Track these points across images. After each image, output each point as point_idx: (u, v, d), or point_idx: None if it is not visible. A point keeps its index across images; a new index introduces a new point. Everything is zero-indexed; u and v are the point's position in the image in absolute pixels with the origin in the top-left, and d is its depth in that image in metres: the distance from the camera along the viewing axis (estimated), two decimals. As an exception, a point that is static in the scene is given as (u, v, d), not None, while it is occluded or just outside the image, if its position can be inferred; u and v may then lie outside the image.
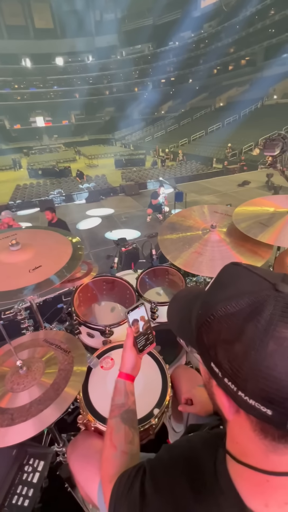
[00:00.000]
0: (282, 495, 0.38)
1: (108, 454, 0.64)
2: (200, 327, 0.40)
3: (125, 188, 11.92)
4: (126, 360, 0.77)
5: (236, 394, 0.34)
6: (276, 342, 0.31)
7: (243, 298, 0.35)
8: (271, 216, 1.46)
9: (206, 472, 0.43)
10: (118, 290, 1.69)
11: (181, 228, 1.61)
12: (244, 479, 0.40)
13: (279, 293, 0.34)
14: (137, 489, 0.48)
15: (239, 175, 13.83)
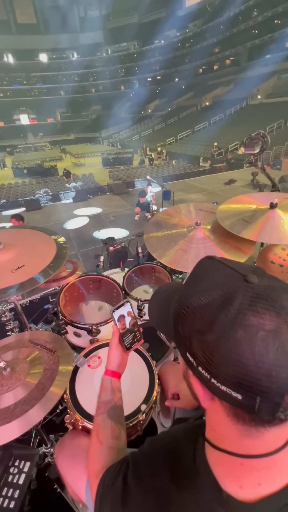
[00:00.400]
0: (255, 477, 0.39)
1: (94, 450, 0.65)
2: (176, 319, 0.41)
3: (113, 187, 11.85)
4: (112, 358, 0.77)
5: (209, 381, 0.36)
6: (244, 330, 0.32)
7: (216, 290, 0.36)
8: (253, 213, 1.50)
9: (185, 460, 0.45)
10: (105, 289, 1.68)
11: (166, 226, 1.63)
12: (220, 464, 0.42)
13: (248, 284, 0.35)
14: (120, 482, 0.49)
15: (225, 174, 14.04)
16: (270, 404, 0.32)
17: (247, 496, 0.39)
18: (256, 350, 0.31)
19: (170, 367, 1.29)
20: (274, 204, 1.44)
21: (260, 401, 0.32)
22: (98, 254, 1.85)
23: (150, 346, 1.64)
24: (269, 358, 0.31)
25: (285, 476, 0.40)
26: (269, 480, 0.39)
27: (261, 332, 0.31)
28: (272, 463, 0.39)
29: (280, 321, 0.31)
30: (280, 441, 0.38)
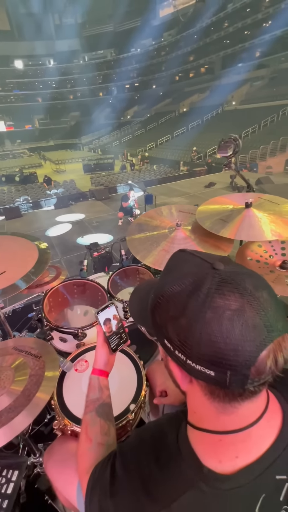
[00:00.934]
0: (233, 451, 0.42)
1: (83, 448, 0.65)
2: (153, 309, 0.45)
3: (95, 193, 11.82)
4: (98, 357, 0.78)
5: (185, 363, 0.39)
6: (213, 311, 0.35)
7: (187, 278, 0.39)
8: (230, 212, 1.57)
9: (169, 443, 0.47)
10: (89, 293, 1.68)
11: (148, 228, 1.66)
12: (201, 442, 0.45)
13: (215, 271, 0.39)
14: (108, 472, 0.50)
15: (205, 177, 14.42)
16: (239, 377, 0.35)
17: (225, 469, 0.42)
18: (224, 328, 0.34)
19: (157, 366, 1.31)
20: (249, 204, 1.51)
21: (230, 374, 0.35)
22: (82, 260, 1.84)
23: (138, 348, 1.65)
24: (235, 335, 0.34)
25: (259, 447, 0.43)
26: (245, 453, 0.42)
27: (227, 312, 0.35)
28: (247, 436, 0.42)
29: (244, 301, 0.35)
30: (253, 415, 0.42)
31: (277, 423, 0.45)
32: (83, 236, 7.35)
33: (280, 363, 0.36)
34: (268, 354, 0.35)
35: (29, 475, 1.30)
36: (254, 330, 0.34)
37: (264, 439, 0.43)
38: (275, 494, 0.43)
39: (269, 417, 0.44)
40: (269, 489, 0.42)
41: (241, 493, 0.41)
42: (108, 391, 0.76)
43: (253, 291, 0.36)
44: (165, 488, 0.43)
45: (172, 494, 0.42)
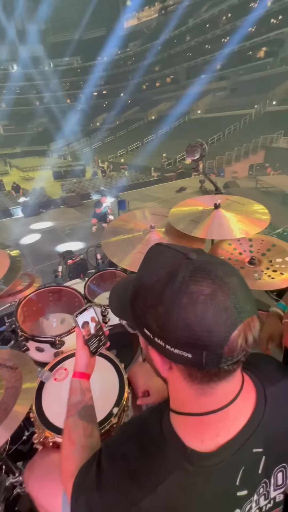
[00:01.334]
0: (213, 429, 0.45)
1: (67, 452, 0.63)
2: (132, 301, 0.47)
3: (66, 200, 11.60)
4: (79, 359, 0.77)
5: (164, 348, 0.41)
6: (188, 297, 0.38)
7: (163, 269, 0.42)
8: (200, 214, 1.64)
9: (153, 431, 0.49)
10: (66, 299, 1.64)
11: (123, 231, 1.67)
12: (183, 426, 0.47)
13: (189, 260, 0.41)
14: (94, 469, 0.50)
15: (176, 182, 14.84)
16: (214, 356, 0.38)
17: (207, 447, 0.44)
18: (198, 312, 0.37)
19: (138, 368, 1.31)
20: (218, 205, 1.60)
21: (206, 355, 0.37)
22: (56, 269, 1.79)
23: (118, 352, 1.64)
24: (208, 317, 0.37)
25: (237, 424, 0.46)
26: (225, 430, 0.45)
27: (201, 297, 0.38)
28: (226, 415, 0.45)
29: (216, 286, 0.38)
30: (230, 395, 0.45)
31: (252, 401, 0.49)
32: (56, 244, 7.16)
33: (249, 341, 0.39)
34: (239, 333, 0.38)
35: (9, 497, 1.22)
36: (225, 312, 0.37)
37: (240, 417, 0.47)
38: (254, 466, 0.47)
39: (244, 396, 0.47)
40: (248, 462, 0.46)
41: (222, 468, 0.44)
42: (90, 393, 0.75)
43: (224, 277, 0.39)
44: (150, 473, 0.44)
45: (158, 478, 0.43)
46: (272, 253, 1.54)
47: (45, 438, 1.03)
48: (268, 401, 0.49)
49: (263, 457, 0.47)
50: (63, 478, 0.60)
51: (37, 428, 1.06)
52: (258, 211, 1.61)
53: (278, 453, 0.50)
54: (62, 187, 15.50)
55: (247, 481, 0.46)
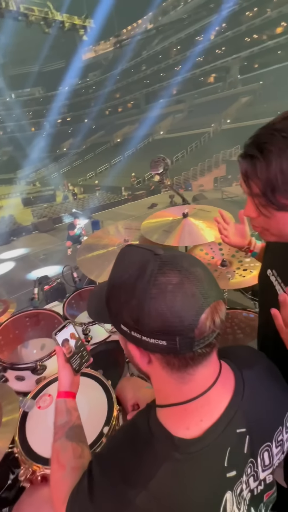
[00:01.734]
0: (197, 415, 0.47)
1: (57, 477, 0.60)
2: (108, 301, 0.49)
3: (38, 225, 11.38)
4: (62, 378, 0.75)
5: (141, 340, 0.43)
6: (157, 288, 0.41)
7: (133, 266, 0.45)
8: (171, 224, 1.72)
9: (141, 430, 0.49)
10: (45, 323, 1.59)
11: (98, 247, 1.69)
12: (169, 418, 0.48)
13: (156, 256, 0.45)
14: (85, 481, 0.48)
15: (147, 199, 15.28)
16: (187, 340, 0.40)
17: (193, 433, 0.46)
18: (168, 300, 0.40)
19: (126, 382, 1.28)
20: (186, 214, 1.69)
21: (179, 339, 0.40)
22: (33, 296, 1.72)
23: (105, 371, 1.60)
24: (177, 304, 0.40)
25: (219, 408, 0.48)
26: (208, 415, 0.47)
27: (169, 286, 0.41)
28: (207, 400, 0.47)
29: (182, 276, 0.42)
30: (209, 380, 0.47)
31: (231, 385, 0.51)
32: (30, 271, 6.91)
33: (217, 322, 0.42)
34: (207, 316, 0.40)
35: None
36: (192, 298, 0.40)
37: (221, 400, 0.49)
38: (239, 446, 0.48)
39: (223, 381, 0.50)
40: (233, 442, 0.47)
41: (210, 451, 0.45)
42: (77, 412, 0.72)
43: (189, 268, 0.43)
44: (141, 470, 0.44)
45: (149, 473, 0.43)
46: (241, 254, 1.63)
47: (33, 473, 0.96)
48: (246, 383, 0.52)
49: (246, 437, 0.49)
50: (55, 507, 0.56)
51: (23, 463, 0.98)
52: (223, 216, 1.72)
53: (260, 432, 0.52)
54: (32, 213, 15.23)
55: (234, 462, 0.47)
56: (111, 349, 1.74)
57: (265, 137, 0.51)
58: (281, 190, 0.51)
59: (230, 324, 1.70)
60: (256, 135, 0.54)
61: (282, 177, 0.49)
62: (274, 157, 0.49)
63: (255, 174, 0.53)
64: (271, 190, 0.52)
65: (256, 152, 0.51)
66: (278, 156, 0.49)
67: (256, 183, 0.54)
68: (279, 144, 0.49)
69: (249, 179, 0.55)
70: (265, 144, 0.50)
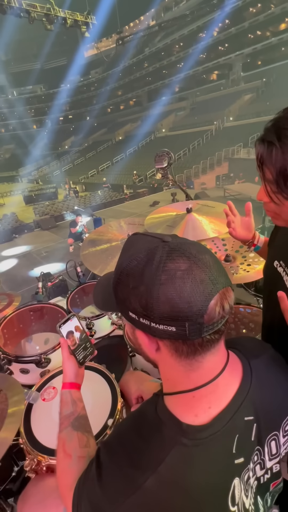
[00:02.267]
0: (205, 403, 0.47)
1: (63, 466, 0.60)
2: (115, 288, 0.49)
3: (40, 223, 11.39)
4: (67, 370, 0.75)
5: (150, 326, 0.43)
6: (166, 274, 0.41)
7: (141, 253, 0.45)
8: (174, 219, 1.71)
9: (149, 417, 0.49)
10: (48, 317, 1.60)
11: (101, 242, 1.69)
12: (177, 405, 0.48)
13: (165, 243, 0.45)
14: (94, 467, 0.48)
15: (149, 197, 15.25)
16: (196, 326, 0.40)
17: (202, 420, 0.46)
18: (177, 286, 0.40)
19: (129, 376, 1.29)
20: (190, 209, 1.68)
21: (188, 325, 0.40)
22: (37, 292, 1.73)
23: (108, 366, 1.60)
24: (187, 289, 0.40)
25: (227, 395, 0.48)
26: (216, 402, 0.47)
27: (178, 272, 0.41)
28: (215, 387, 0.47)
29: (191, 262, 0.42)
30: (217, 368, 0.47)
31: (239, 373, 0.51)
32: (33, 268, 6.94)
33: (226, 308, 0.42)
34: (216, 302, 0.41)
35: None
36: (201, 284, 0.40)
37: (229, 388, 0.49)
38: (247, 434, 0.49)
39: (231, 368, 0.50)
40: (241, 430, 0.48)
41: (218, 438, 0.45)
42: (82, 403, 0.73)
43: (197, 254, 0.43)
44: (150, 454, 0.44)
45: (158, 457, 0.43)
46: (244, 249, 1.63)
47: (38, 463, 0.97)
48: (254, 372, 0.52)
49: (254, 425, 0.49)
50: (62, 494, 0.57)
51: (28, 454, 0.99)
52: (227, 212, 1.72)
53: (268, 421, 0.52)
54: (34, 210, 15.24)
55: (242, 448, 0.47)
56: (114, 343, 1.74)
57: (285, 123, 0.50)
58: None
59: (233, 320, 1.70)
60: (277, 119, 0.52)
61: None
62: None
63: (270, 161, 0.52)
64: (283, 178, 0.51)
65: (274, 138, 0.50)
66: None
67: (270, 170, 0.53)
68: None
69: (263, 164, 0.54)
70: (284, 131, 0.49)
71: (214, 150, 19.64)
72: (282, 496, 0.67)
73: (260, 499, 0.53)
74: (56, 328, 0.78)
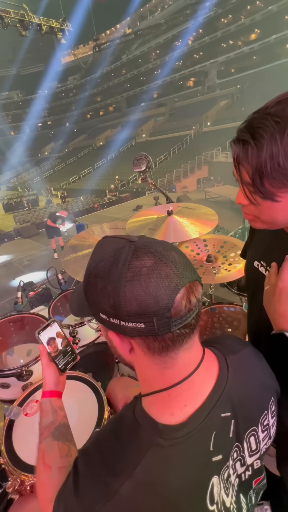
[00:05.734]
0: (181, 401, 0.46)
1: (43, 478, 0.57)
2: (86, 291, 0.48)
3: (21, 231, 11.08)
4: (46, 378, 0.72)
5: (120, 326, 0.42)
6: (132, 271, 0.41)
7: (108, 253, 0.45)
8: (156, 222, 1.72)
9: (127, 420, 0.48)
10: (30, 328, 1.54)
11: (83, 248, 1.66)
12: (154, 405, 0.47)
13: (131, 242, 0.45)
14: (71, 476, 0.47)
15: (132, 201, 15.28)
16: (164, 320, 0.40)
17: (178, 419, 0.45)
18: (143, 282, 0.40)
19: (115, 383, 1.26)
20: (170, 211, 1.69)
21: (156, 320, 0.40)
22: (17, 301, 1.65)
23: (94, 374, 1.56)
24: (152, 285, 0.40)
25: (203, 393, 0.48)
26: (192, 400, 0.47)
27: (143, 269, 0.41)
28: (191, 384, 0.46)
29: (156, 259, 0.42)
30: (192, 364, 0.47)
31: (215, 369, 0.51)
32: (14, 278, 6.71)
33: (193, 301, 0.42)
34: (182, 296, 0.41)
35: None
36: (167, 278, 0.40)
37: (205, 385, 0.49)
38: (224, 431, 0.48)
39: (207, 365, 0.50)
40: (218, 427, 0.47)
41: (195, 436, 0.44)
42: (63, 411, 0.70)
43: (163, 251, 0.43)
44: (126, 458, 0.43)
45: (134, 461, 0.42)
46: (225, 249, 1.66)
47: (21, 483, 0.92)
48: (230, 368, 0.52)
49: (232, 421, 0.49)
50: (41, 507, 0.54)
51: (10, 474, 0.94)
52: (207, 213, 1.75)
53: (246, 417, 0.51)
54: (15, 218, 14.83)
55: (220, 446, 0.47)
56: (100, 351, 1.70)
57: (257, 122, 0.50)
58: (269, 176, 0.50)
59: (218, 319, 1.72)
60: (249, 119, 0.52)
61: (271, 162, 0.48)
62: (265, 142, 0.48)
63: (246, 160, 0.51)
64: (259, 177, 0.51)
65: (248, 137, 0.50)
66: (269, 141, 0.48)
67: (246, 169, 0.53)
68: (271, 129, 0.47)
69: (239, 164, 0.54)
70: (257, 129, 0.49)
71: (194, 154, 20.10)
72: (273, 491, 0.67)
73: (243, 497, 0.53)
74: (35, 335, 0.75)
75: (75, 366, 1.14)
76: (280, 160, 0.47)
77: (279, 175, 0.49)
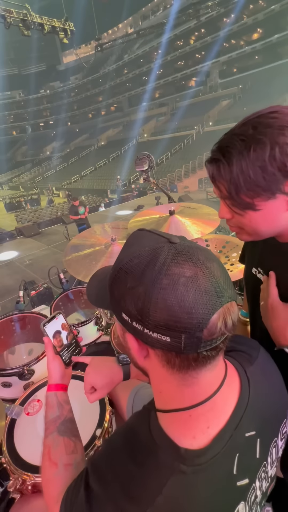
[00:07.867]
0: (203, 422, 0.43)
1: (48, 475, 0.56)
2: (111, 284, 0.44)
3: (23, 230, 11.09)
4: (52, 371, 0.70)
5: (142, 333, 0.39)
6: (168, 278, 0.37)
7: (145, 251, 0.41)
8: (157, 221, 1.71)
9: (142, 438, 0.45)
10: (32, 326, 1.53)
11: (84, 247, 1.66)
12: (173, 425, 0.44)
13: (171, 244, 0.41)
14: (82, 492, 0.44)
15: (133, 201, 15.28)
16: (193, 340, 0.36)
17: (200, 442, 0.42)
18: (179, 293, 0.36)
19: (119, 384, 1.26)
20: (172, 211, 1.69)
21: (185, 337, 0.36)
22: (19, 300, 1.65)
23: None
24: (189, 298, 0.36)
25: (226, 412, 0.45)
26: (215, 421, 0.44)
27: (182, 278, 0.37)
28: (213, 405, 0.43)
29: (197, 269, 0.38)
30: (214, 384, 0.44)
31: (236, 386, 0.48)
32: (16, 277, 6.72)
33: (229, 325, 0.38)
34: (219, 317, 0.37)
35: None
36: (206, 294, 0.36)
37: (228, 403, 0.46)
38: (249, 452, 0.46)
39: (229, 381, 0.46)
40: (242, 448, 0.44)
41: (218, 461, 0.42)
42: (69, 405, 0.68)
43: (205, 262, 0.39)
44: (147, 485, 0.40)
45: (156, 488, 0.39)
46: (227, 249, 1.65)
47: (23, 482, 0.91)
48: (251, 381, 0.49)
49: (257, 440, 0.47)
50: (48, 505, 0.53)
51: (12, 473, 0.93)
52: (209, 213, 1.74)
53: (269, 430, 0.50)
54: (16, 217, 14.86)
55: (245, 468, 0.44)
56: (101, 350, 1.70)
57: (226, 142, 0.56)
58: (243, 189, 0.54)
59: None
60: (220, 140, 0.59)
61: (242, 176, 0.53)
62: (234, 159, 0.53)
63: (220, 176, 0.57)
64: (235, 190, 0.56)
65: (220, 155, 0.56)
66: (237, 157, 0.53)
67: (222, 184, 0.58)
68: (238, 147, 0.53)
69: (216, 181, 0.59)
70: (227, 148, 0.55)
71: (196, 154, 20.08)
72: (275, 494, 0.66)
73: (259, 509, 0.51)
74: (40, 327, 0.74)
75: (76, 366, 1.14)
76: (250, 173, 0.52)
77: (252, 186, 0.54)
